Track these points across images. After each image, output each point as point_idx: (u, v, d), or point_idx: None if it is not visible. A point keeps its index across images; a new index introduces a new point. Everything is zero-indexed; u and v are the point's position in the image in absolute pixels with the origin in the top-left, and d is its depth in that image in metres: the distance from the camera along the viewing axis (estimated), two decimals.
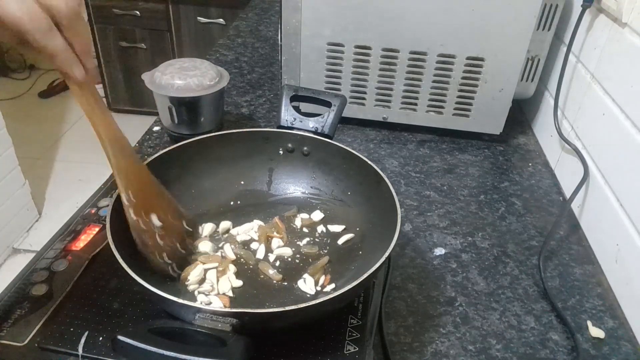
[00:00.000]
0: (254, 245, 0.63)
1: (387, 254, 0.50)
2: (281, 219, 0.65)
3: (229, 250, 0.61)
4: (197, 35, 2.37)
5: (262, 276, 0.59)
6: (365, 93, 0.94)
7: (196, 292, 0.56)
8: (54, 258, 0.60)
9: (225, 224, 0.65)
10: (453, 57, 0.88)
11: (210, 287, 0.56)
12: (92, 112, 0.48)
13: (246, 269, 0.60)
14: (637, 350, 0.60)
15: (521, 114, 1.08)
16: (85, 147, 2.42)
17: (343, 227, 0.65)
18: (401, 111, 0.95)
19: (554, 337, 0.61)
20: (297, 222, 0.66)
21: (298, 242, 0.63)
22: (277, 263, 0.61)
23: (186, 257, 0.59)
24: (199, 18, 2.31)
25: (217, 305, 0.54)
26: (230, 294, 0.56)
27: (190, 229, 0.61)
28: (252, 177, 0.71)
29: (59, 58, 0.43)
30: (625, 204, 0.67)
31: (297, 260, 0.61)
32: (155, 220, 0.54)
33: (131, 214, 0.52)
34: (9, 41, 0.42)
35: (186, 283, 0.56)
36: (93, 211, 0.68)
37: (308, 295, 0.56)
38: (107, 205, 0.53)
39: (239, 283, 0.57)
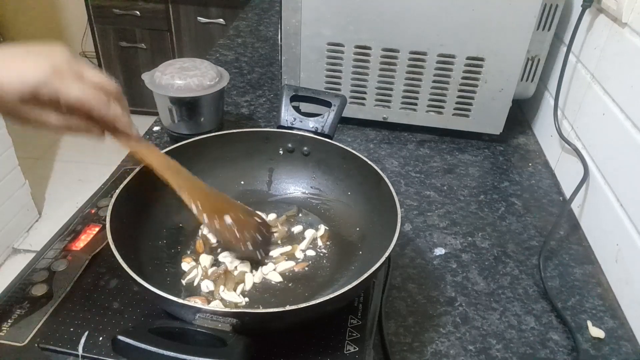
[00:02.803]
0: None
1: (387, 254, 0.50)
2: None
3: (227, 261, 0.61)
4: (197, 35, 2.37)
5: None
6: (365, 93, 0.94)
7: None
8: (54, 258, 0.60)
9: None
10: (453, 57, 0.88)
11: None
12: (145, 153, 0.56)
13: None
14: (637, 350, 0.60)
15: (521, 114, 1.08)
16: (85, 147, 2.42)
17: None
18: (401, 111, 0.95)
19: (554, 337, 0.61)
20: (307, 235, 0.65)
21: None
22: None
23: (270, 242, 0.63)
24: (199, 18, 2.31)
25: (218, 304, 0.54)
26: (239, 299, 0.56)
27: (262, 220, 0.64)
28: (252, 177, 0.71)
29: (120, 122, 0.52)
30: (625, 204, 0.67)
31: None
32: (228, 219, 0.59)
33: (205, 219, 0.58)
34: (55, 130, 0.50)
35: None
36: (93, 211, 0.68)
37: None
38: (107, 205, 0.53)
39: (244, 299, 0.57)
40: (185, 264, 0.59)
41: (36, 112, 0.48)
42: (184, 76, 0.81)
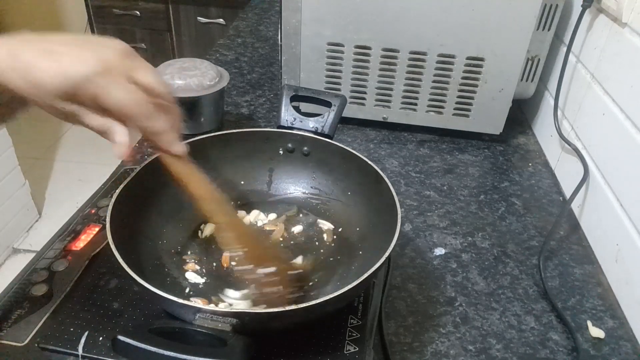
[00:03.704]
0: None
1: (387, 254, 0.50)
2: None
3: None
4: (197, 35, 2.37)
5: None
6: (365, 93, 0.94)
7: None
8: (54, 258, 0.60)
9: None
10: (453, 57, 0.88)
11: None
12: (188, 178, 0.51)
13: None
14: (637, 350, 0.60)
15: (521, 114, 1.08)
16: (85, 147, 2.42)
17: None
18: (401, 111, 0.95)
19: (554, 337, 0.61)
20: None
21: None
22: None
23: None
24: (199, 18, 2.31)
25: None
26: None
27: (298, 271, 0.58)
28: (252, 177, 0.71)
29: (161, 138, 0.47)
30: (625, 204, 0.67)
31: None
32: (270, 274, 0.52)
33: (249, 268, 0.52)
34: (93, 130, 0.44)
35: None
36: (93, 211, 0.68)
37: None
38: (107, 205, 0.53)
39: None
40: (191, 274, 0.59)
41: (74, 109, 0.43)
42: (184, 76, 0.81)
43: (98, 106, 0.43)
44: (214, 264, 0.60)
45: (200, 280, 0.58)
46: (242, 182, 0.71)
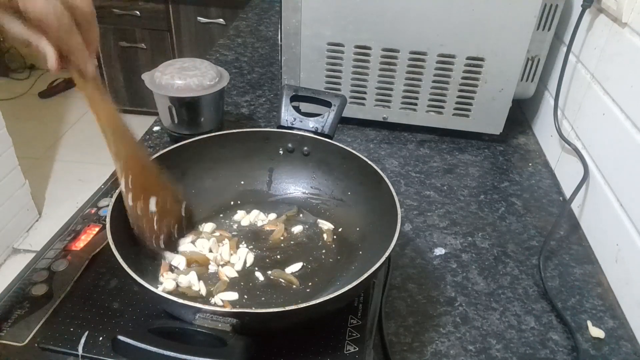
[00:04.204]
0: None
1: (387, 254, 0.50)
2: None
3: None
4: (197, 35, 2.37)
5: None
6: (365, 93, 0.94)
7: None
8: (54, 258, 0.60)
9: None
10: (453, 57, 0.88)
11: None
12: (96, 103, 0.51)
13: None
14: (637, 350, 0.60)
15: (521, 114, 1.08)
16: (85, 147, 2.42)
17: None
18: (401, 111, 0.95)
19: (554, 337, 0.61)
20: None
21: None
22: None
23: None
24: (199, 18, 2.31)
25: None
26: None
27: (187, 209, 0.61)
28: (252, 177, 0.71)
29: (76, 55, 0.46)
30: (625, 204, 0.67)
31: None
32: (152, 205, 0.55)
33: (129, 200, 0.53)
34: (17, 42, 0.44)
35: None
36: (93, 211, 0.68)
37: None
38: (107, 205, 0.53)
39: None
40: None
41: None
42: (184, 76, 0.81)
43: (19, 13, 0.42)
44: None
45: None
46: (242, 182, 0.71)
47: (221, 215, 0.67)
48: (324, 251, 0.63)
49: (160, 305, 0.53)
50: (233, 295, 0.56)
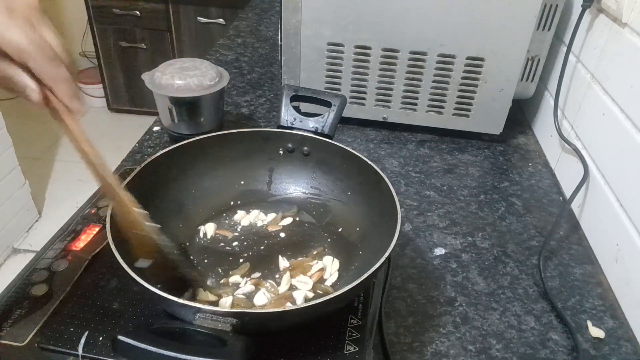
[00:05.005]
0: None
1: (387, 254, 0.50)
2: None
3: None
4: (197, 35, 2.37)
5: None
6: (365, 93, 0.94)
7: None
8: (54, 258, 0.60)
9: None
10: (453, 57, 0.88)
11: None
12: (82, 142, 0.48)
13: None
14: (637, 350, 0.60)
15: (521, 114, 1.08)
16: None
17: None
18: (401, 111, 0.95)
19: (554, 337, 0.61)
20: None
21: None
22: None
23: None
24: (199, 18, 2.31)
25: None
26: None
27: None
28: (252, 177, 0.71)
29: (61, 87, 0.43)
30: (625, 204, 0.67)
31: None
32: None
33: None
34: None
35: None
36: (93, 211, 0.68)
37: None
38: (107, 205, 0.53)
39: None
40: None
41: None
42: (184, 76, 0.81)
43: None
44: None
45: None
46: (242, 182, 0.71)
47: (221, 215, 0.67)
48: (323, 251, 0.63)
49: (160, 305, 0.53)
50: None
